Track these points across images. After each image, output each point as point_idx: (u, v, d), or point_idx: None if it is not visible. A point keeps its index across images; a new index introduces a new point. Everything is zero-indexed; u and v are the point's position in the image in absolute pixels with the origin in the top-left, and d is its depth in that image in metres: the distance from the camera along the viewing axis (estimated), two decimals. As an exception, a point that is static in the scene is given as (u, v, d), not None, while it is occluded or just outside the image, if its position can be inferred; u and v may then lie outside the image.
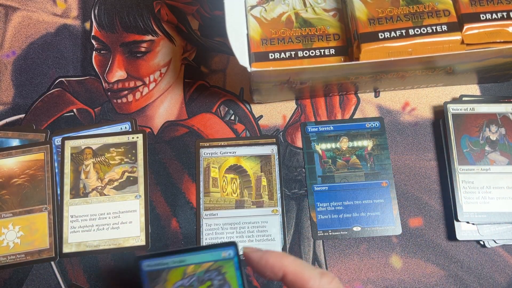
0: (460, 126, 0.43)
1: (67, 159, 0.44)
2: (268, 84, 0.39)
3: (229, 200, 0.43)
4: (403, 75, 0.40)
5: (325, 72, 0.38)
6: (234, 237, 0.42)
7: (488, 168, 0.42)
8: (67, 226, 0.42)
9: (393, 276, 0.42)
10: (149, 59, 0.48)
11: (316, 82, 0.40)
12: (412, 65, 0.38)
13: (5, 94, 0.47)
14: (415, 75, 0.40)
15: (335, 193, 0.43)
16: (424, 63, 0.37)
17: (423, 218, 0.43)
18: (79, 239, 0.42)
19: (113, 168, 0.44)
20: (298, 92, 0.43)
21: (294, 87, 0.41)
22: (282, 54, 0.38)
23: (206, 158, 0.44)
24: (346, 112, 0.46)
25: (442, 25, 0.36)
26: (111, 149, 0.44)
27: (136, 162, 0.44)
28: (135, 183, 0.43)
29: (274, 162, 0.44)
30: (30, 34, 0.49)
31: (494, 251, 0.42)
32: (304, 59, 0.38)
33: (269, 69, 0.36)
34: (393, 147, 0.45)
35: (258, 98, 0.45)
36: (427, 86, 0.45)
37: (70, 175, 0.43)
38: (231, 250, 0.34)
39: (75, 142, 0.44)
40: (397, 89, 0.45)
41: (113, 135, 0.44)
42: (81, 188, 0.43)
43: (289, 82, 0.39)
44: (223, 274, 0.34)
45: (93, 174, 0.43)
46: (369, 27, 0.37)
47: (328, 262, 0.42)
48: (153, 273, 0.35)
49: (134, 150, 0.44)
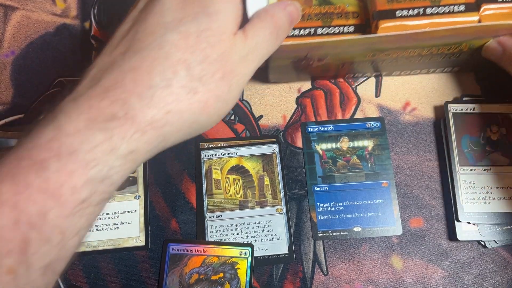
0: (461, 126, 0.43)
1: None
2: (286, 60, 0.39)
3: (233, 201, 0.43)
4: (420, 53, 0.40)
5: (344, 47, 0.38)
6: (240, 238, 0.42)
7: (489, 168, 0.42)
8: None
9: (393, 277, 0.42)
10: (148, 59, 0.47)
11: (334, 60, 0.41)
12: (431, 40, 0.38)
13: (4, 94, 0.47)
14: (430, 54, 0.40)
15: (335, 194, 0.43)
16: (442, 38, 0.38)
17: (423, 219, 0.43)
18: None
19: None
20: (314, 72, 0.44)
21: (311, 64, 0.41)
22: (301, 31, 0.38)
23: (208, 159, 0.44)
24: (347, 112, 0.46)
25: (460, 5, 0.37)
26: None
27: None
28: (135, 184, 0.43)
29: (276, 161, 0.44)
30: (29, 33, 0.49)
31: (495, 251, 0.42)
32: (323, 36, 0.38)
33: (288, 43, 0.36)
34: (393, 147, 0.45)
35: (275, 77, 0.45)
36: (442, 71, 0.46)
37: None
38: (247, 250, 0.40)
39: None
40: (412, 73, 0.46)
41: None
42: None
43: (307, 59, 0.39)
44: (236, 269, 0.40)
45: None
46: (387, 5, 0.37)
47: (329, 263, 0.42)
48: (176, 256, 0.41)
49: None
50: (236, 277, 0.40)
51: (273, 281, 0.42)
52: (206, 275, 0.40)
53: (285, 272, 0.42)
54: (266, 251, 0.42)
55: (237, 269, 0.40)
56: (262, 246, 0.42)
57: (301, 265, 0.42)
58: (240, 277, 0.40)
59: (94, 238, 0.42)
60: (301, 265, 0.42)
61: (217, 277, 0.40)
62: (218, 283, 0.40)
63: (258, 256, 0.42)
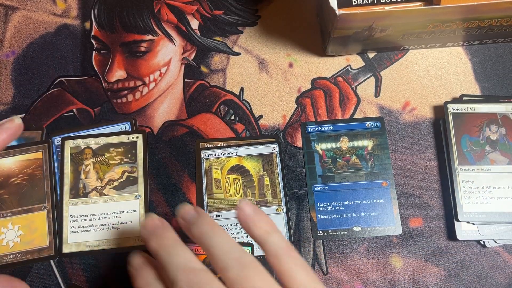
0: (460, 126, 0.43)
1: (67, 159, 0.44)
2: (350, 30, 0.40)
3: (233, 201, 0.43)
4: (478, 25, 0.41)
5: (409, 17, 0.39)
6: (240, 237, 0.42)
7: (488, 168, 0.42)
8: (67, 226, 0.42)
9: (393, 276, 0.42)
10: (149, 59, 0.48)
11: (395, 31, 0.41)
12: (493, 12, 0.39)
13: (4, 94, 0.47)
14: (489, 26, 0.41)
15: (335, 193, 0.43)
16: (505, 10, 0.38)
17: (423, 218, 0.43)
18: (79, 239, 0.42)
19: (113, 168, 0.44)
20: (373, 43, 0.45)
21: (373, 35, 0.41)
22: (365, 0, 0.39)
23: (208, 159, 0.44)
24: (346, 112, 0.46)
25: None
26: (111, 149, 0.44)
27: (136, 162, 0.44)
28: (135, 183, 0.43)
29: (276, 161, 0.44)
30: (30, 34, 0.49)
31: (495, 251, 0.42)
32: (386, 4, 0.39)
33: (356, 11, 0.37)
34: (393, 147, 0.45)
35: (333, 50, 0.46)
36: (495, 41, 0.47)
37: (70, 175, 0.43)
38: (248, 249, 0.40)
39: (75, 142, 0.44)
40: (465, 44, 0.47)
41: (113, 135, 0.44)
42: (81, 188, 0.43)
43: (370, 29, 0.40)
44: None
45: (93, 174, 0.43)
46: None
47: (328, 262, 0.42)
48: None
49: (134, 150, 0.44)
50: None
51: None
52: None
53: (285, 272, 0.42)
54: (266, 250, 0.42)
55: None
56: (262, 245, 0.42)
57: (301, 264, 0.42)
58: None
59: (94, 237, 0.42)
60: (301, 264, 0.42)
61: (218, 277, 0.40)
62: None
63: (258, 256, 0.42)
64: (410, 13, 0.38)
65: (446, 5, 0.37)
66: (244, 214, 0.32)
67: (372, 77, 0.47)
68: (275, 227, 0.32)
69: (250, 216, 0.32)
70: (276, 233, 0.31)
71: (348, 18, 0.37)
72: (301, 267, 0.30)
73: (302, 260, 0.31)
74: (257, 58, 0.48)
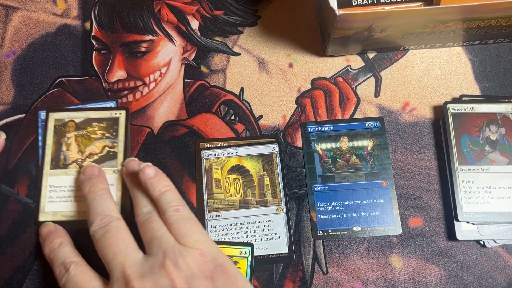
0: (460, 126, 0.43)
1: (50, 130, 0.44)
2: (350, 31, 0.40)
3: (233, 200, 0.43)
4: (478, 25, 0.41)
5: (408, 17, 0.39)
6: (240, 237, 0.42)
7: (488, 168, 0.42)
8: (45, 195, 0.42)
9: (393, 276, 0.42)
10: (149, 59, 0.48)
11: (395, 31, 0.41)
12: (493, 12, 0.39)
13: (5, 94, 0.47)
14: (488, 26, 0.41)
15: (335, 193, 0.43)
16: (505, 10, 0.38)
17: (423, 218, 0.43)
18: (56, 208, 0.42)
19: (94, 142, 0.44)
20: (373, 44, 0.45)
21: (373, 35, 0.42)
22: (365, 0, 0.39)
23: (208, 159, 0.44)
24: (346, 112, 0.46)
25: None
26: (93, 123, 0.44)
27: (117, 138, 0.44)
28: (114, 158, 0.43)
29: (276, 161, 0.44)
30: (30, 34, 0.49)
31: (494, 251, 0.42)
32: (386, 4, 0.39)
33: (356, 12, 0.37)
34: (393, 147, 0.45)
35: (333, 50, 0.46)
36: (494, 42, 0.47)
37: (52, 146, 0.43)
38: (248, 249, 0.40)
39: (59, 115, 0.44)
40: (465, 44, 0.47)
41: (97, 110, 0.45)
42: (62, 159, 0.43)
43: (370, 30, 0.40)
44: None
45: (74, 147, 0.44)
46: None
47: (328, 262, 0.42)
48: None
49: (116, 126, 0.44)
50: None
51: (273, 281, 0.42)
52: None
53: (285, 272, 0.42)
54: (266, 250, 0.42)
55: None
56: (262, 245, 0.42)
57: (301, 264, 0.42)
58: None
59: (71, 208, 0.42)
60: (301, 264, 0.42)
61: None
62: None
63: (258, 256, 0.42)
64: (410, 13, 0.38)
65: (446, 5, 0.37)
66: (145, 176, 0.37)
67: (372, 77, 0.47)
68: (171, 187, 0.37)
69: (149, 178, 0.37)
70: (169, 191, 0.36)
71: (348, 18, 0.37)
72: (187, 220, 0.35)
73: (188, 215, 0.36)
74: (257, 58, 0.48)
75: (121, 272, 0.33)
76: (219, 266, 0.33)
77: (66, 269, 0.36)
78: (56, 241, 0.38)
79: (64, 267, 0.36)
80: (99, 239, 0.35)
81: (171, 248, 0.33)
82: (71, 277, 0.35)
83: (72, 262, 0.36)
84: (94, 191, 0.39)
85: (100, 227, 0.36)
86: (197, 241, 0.34)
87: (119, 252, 0.34)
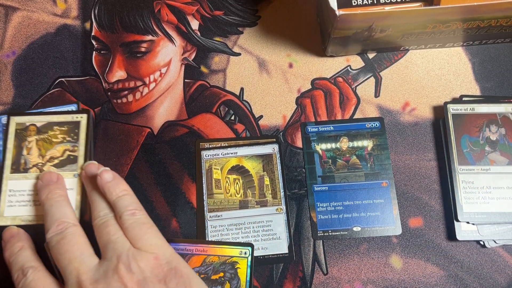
0: (460, 126, 0.43)
1: (11, 134, 0.44)
2: (350, 31, 0.40)
3: (233, 201, 0.43)
4: (478, 25, 0.41)
5: (408, 17, 0.39)
6: (240, 237, 0.42)
7: (488, 168, 0.42)
8: (5, 200, 0.42)
9: (393, 276, 0.42)
10: (149, 59, 0.48)
11: (395, 31, 0.42)
12: (493, 12, 0.39)
13: (5, 94, 0.47)
14: (488, 26, 0.41)
15: (335, 193, 0.43)
16: (505, 10, 0.38)
17: (423, 218, 0.43)
18: (15, 213, 0.42)
19: (55, 146, 0.44)
20: (373, 44, 0.45)
21: (373, 35, 0.42)
22: (365, 0, 0.39)
23: (208, 160, 0.44)
24: (346, 112, 0.46)
25: None
26: (54, 127, 0.44)
27: (78, 142, 0.44)
28: (75, 162, 0.43)
29: (276, 161, 0.44)
30: (30, 34, 0.49)
31: (494, 251, 0.42)
32: (386, 5, 0.39)
33: (356, 12, 0.37)
34: (393, 147, 0.45)
35: (333, 50, 0.46)
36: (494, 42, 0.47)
37: (13, 150, 0.43)
38: (248, 249, 0.40)
39: (21, 119, 0.44)
40: (465, 44, 0.47)
41: (58, 114, 0.45)
42: (22, 163, 0.43)
43: (370, 30, 0.40)
44: (236, 269, 0.40)
45: (35, 151, 0.44)
46: None
47: (328, 262, 0.42)
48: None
49: (77, 129, 0.44)
50: (236, 277, 0.40)
51: (273, 281, 0.42)
52: (206, 274, 0.40)
53: (285, 272, 0.42)
54: (266, 250, 0.42)
55: (237, 268, 0.40)
56: (262, 245, 0.42)
57: (301, 264, 0.42)
58: (240, 277, 0.40)
59: (30, 212, 0.42)
60: (301, 264, 0.42)
61: (217, 277, 0.40)
62: (218, 282, 0.40)
63: (258, 256, 0.42)
64: (410, 14, 0.38)
65: (446, 5, 0.37)
66: (102, 181, 0.37)
67: (372, 78, 0.47)
68: (128, 192, 0.37)
69: (107, 182, 0.37)
70: (126, 196, 0.37)
71: (348, 18, 0.37)
72: (143, 224, 0.35)
73: (144, 219, 0.36)
74: (257, 59, 0.48)
75: (75, 278, 0.33)
76: (173, 269, 0.33)
77: (24, 274, 0.35)
78: (17, 245, 0.38)
79: (22, 272, 0.36)
80: (55, 246, 0.35)
81: (126, 252, 0.33)
82: (28, 283, 0.35)
83: (31, 267, 0.36)
84: (52, 197, 0.39)
85: (56, 234, 0.36)
86: (152, 245, 0.34)
87: (74, 259, 0.34)
